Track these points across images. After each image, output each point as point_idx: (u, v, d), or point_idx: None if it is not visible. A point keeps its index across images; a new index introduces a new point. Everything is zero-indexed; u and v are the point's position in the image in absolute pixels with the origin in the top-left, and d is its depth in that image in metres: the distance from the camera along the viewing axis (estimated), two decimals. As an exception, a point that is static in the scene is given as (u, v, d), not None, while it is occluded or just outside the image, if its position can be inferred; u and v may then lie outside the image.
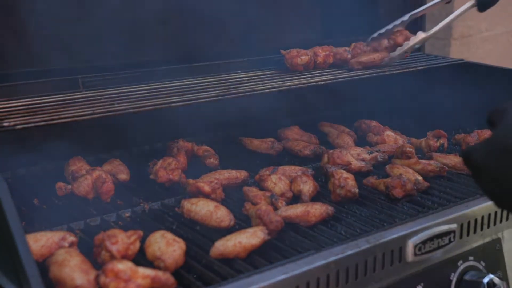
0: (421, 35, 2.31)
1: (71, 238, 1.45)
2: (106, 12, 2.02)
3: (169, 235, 1.46)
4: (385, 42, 2.46)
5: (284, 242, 1.55)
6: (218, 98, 1.88)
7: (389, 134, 2.32)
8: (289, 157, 2.22)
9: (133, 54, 2.12)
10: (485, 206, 1.69)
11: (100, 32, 2.02)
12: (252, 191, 1.77)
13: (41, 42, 1.92)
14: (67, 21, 1.95)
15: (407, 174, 1.90)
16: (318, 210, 1.64)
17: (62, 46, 1.96)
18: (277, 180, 1.83)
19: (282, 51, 2.23)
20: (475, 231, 1.69)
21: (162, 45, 2.20)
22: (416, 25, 2.71)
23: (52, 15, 1.93)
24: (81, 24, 1.98)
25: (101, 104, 1.76)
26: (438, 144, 2.22)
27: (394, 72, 2.31)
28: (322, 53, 2.25)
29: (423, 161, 2.01)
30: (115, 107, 1.73)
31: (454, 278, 1.66)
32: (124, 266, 1.26)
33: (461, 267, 1.67)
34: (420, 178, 1.89)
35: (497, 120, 1.19)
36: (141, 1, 2.10)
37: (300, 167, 1.99)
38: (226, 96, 1.90)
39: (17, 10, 1.88)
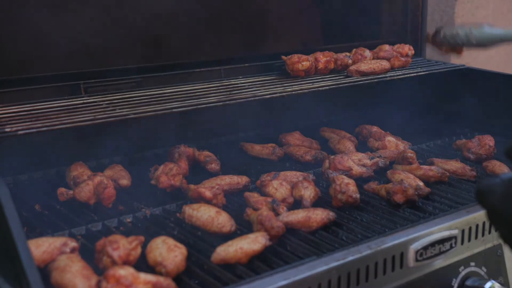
0: None
1: (73, 243, 1.45)
2: (108, 16, 2.03)
3: (171, 241, 1.46)
4: (386, 47, 2.47)
5: (285, 248, 1.55)
6: (219, 103, 1.88)
7: (390, 140, 2.33)
8: (290, 162, 2.22)
9: (135, 59, 2.13)
10: (486, 212, 1.69)
11: (102, 37, 2.03)
12: (253, 197, 1.77)
13: (43, 47, 1.93)
14: (69, 26, 1.96)
15: (408, 180, 1.90)
16: (319, 215, 1.64)
17: (64, 51, 1.96)
18: (278, 186, 1.83)
19: (283, 57, 2.24)
20: (476, 237, 1.68)
21: (163, 51, 2.21)
22: (416, 32, 2.72)
23: (54, 20, 1.93)
24: (82, 29, 1.98)
25: (102, 109, 1.76)
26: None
27: (395, 77, 2.31)
28: (323, 58, 2.26)
29: (424, 166, 2.01)
30: (116, 112, 1.73)
31: (455, 284, 1.65)
32: (126, 272, 1.26)
33: (463, 273, 1.67)
34: (421, 183, 1.89)
35: None
36: (143, 6, 2.10)
37: (301, 173, 1.99)
38: (227, 102, 1.90)
39: (18, 16, 1.89)
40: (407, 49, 2.50)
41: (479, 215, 1.68)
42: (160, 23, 2.14)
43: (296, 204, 1.79)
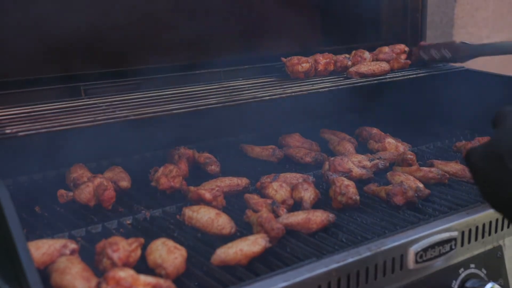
0: None
1: (73, 245, 1.45)
2: (108, 19, 2.03)
3: (170, 243, 1.46)
4: (386, 49, 2.47)
5: (285, 250, 1.55)
6: (219, 105, 1.88)
7: (390, 141, 2.33)
8: (290, 164, 2.22)
9: (135, 61, 2.13)
10: (486, 214, 1.69)
11: (102, 39, 2.03)
12: (253, 199, 1.78)
13: (43, 49, 1.93)
14: (69, 28, 1.96)
15: (408, 182, 1.90)
16: (319, 217, 1.64)
17: (64, 53, 1.96)
18: (278, 188, 1.83)
19: (283, 59, 2.24)
20: (476, 239, 1.69)
21: (164, 52, 2.21)
22: (415, 34, 2.72)
23: (54, 22, 1.93)
24: (82, 31, 1.99)
25: (102, 111, 1.76)
26: None
27: (395, 79, 2.31)
28: (322, 60, 2.26)
29: (424, 168, 2.01)
30: (116, 114, 1.73)
31: (455, 285, 1.66)
32: (126, 274, 1.26)
33: (463, 275, 1.67)
34: (421, 185, 1.89)
35: (498, 123, 1.21)
36: (143, 9, 2.10)
37: (301, 174, 1.99)
38: (227, 103, 1.90)
39: (18, 17, 1.89)
40: (403, 47, 2.51)
41: (479, 217, 1.68)
42: (159, 24, 2.15)
43: (296, 205, 1.79)
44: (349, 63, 2.32)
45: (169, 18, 2.17)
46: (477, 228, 1.68)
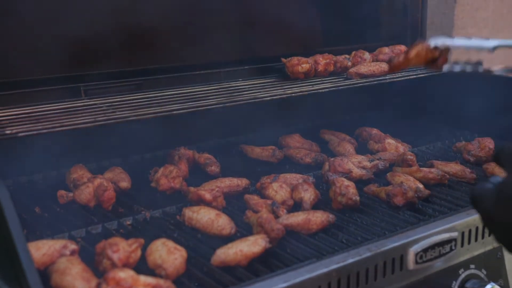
0: None
1: (73, 246, 1.45)
2: (108, 19, 2.03)
3: (170, 243, 1.46)
4: (385, 50, 2.47)
5: (285, 250, 1.55)
6: (219, 105, 1.88)
7: (390, 142, 2.33)
8: (290, 165, 2.22)
9: (135, 62, 2.13)
10: (486, 214, 1.69)
11: (102, 39, 2.03)
12: (253, 199, 1.78)
13: (43, 50, 1.93)
14: (69, 28, 1.96)
15: (408, 182, 1.90)
16: (319, 218, 1.64)
17: (64, 54, 1.96)
18: (278, 188, 1.83)
19: (283, 59, 2.24)
20: (476, 239, 1.69)
21: (163, 53, 2.21)
22: (415, 35, 2.72)
23: (54, 23, 1.93)
24: (83, 32, 1.99)
25: (102, 112, 1.76)
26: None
27: (395, 79, 2.31)
28: (322, 61, 2.26)
29: (424, 169, 2.01)
30: (116, 114, 1.73)
31: (455, 286, 1.66)
32: (126, 274, 1.26)
33: (463, 276, 1.67)
34: (421, 186, 1.89)
35: (508, 164, 1.11)
36: (143, 10, 2.10)
37: (301, 175, 1.99)
38: (227, 104, 1.90)
39: (18, 18, 1.89)
40: (403, 47, 2.52)
41: (479, 218, 1.68)
42: (160, 25, 2.14)
43: (296, 206, 1.79)
44: (349, 63, 2.32)
45: (169, 18, 2.17)
46: (477, 228, 1.68)
